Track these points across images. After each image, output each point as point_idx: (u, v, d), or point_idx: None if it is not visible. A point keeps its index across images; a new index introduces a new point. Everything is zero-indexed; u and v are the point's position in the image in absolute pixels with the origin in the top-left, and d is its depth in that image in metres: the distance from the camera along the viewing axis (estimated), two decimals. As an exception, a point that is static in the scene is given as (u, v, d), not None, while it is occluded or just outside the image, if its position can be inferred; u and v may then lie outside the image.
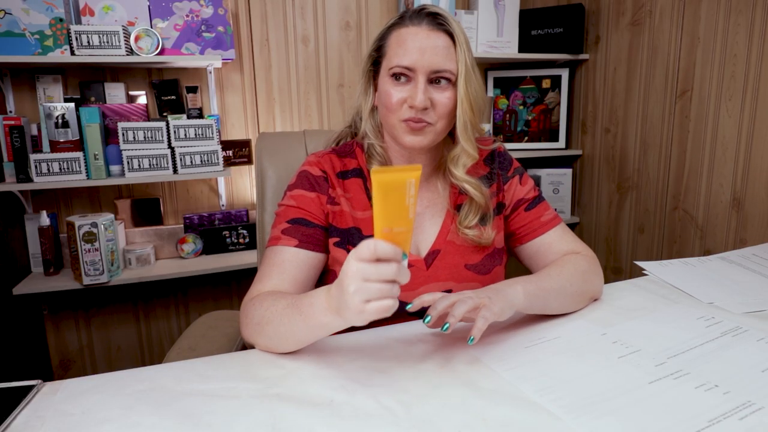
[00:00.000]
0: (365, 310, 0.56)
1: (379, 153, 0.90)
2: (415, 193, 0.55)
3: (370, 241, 0.56)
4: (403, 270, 0.57)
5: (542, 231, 0.92)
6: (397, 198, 0.54)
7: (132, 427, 0.56)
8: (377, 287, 0.56)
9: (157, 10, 1.77)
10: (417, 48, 0.80)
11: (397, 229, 0.56)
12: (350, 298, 0.56)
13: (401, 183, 0.54)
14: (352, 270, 0.56)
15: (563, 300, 0.82)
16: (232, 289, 2.13)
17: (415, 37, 0.81)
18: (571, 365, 0.68)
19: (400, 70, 0.81)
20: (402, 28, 0.83)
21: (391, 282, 0.56)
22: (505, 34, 2.13)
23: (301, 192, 0.87)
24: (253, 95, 2.05)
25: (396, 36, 0.83)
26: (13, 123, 1.66)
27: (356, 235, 0.87)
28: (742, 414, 0.56)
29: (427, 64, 0.80)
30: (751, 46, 1.54)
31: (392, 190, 0.54)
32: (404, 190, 0.54)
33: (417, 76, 0.80)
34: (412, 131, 0.82)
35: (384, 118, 0.86)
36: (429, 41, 0.80)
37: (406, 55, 0.80)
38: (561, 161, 2.33)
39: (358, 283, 0.56)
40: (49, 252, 1.76)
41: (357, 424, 0.57)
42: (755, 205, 1.57)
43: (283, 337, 0.70)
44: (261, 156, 1.11)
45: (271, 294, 0.75)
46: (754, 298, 0.89)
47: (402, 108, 0.82)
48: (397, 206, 0.55)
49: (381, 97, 0.85)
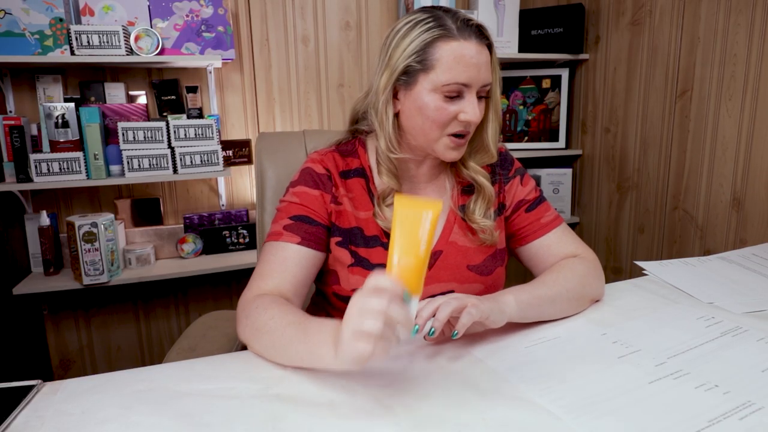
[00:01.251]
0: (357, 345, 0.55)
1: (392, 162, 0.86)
2: (430, 228, 0.54)
3: (374, 274, 0.55)
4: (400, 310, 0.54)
5: (542, 233, 0.92)
6: (410, 227, 0.54)
7: (132, 427, 0.56)
8: (366, 318, 0.54)
9: (157, 10, 1.77)
10: (473, 64, 0.78)
11: (406, 260, 0.55)
12: (345, 331, 0.56)
13: (417, 214, 0.54)
14: (353, 302, 0.56)
15: (559, 307, 0.81)
16: (232, 289, 2.13)
17: (470, 52, 0.78)
18: (571, 365, 0.68)
19: (458, 87, 0.78)
20: (453, 41, 0.78)
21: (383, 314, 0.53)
22: (505, 33, 2.13)
23: (304, 189, 0.87)
24: (253, 95, 2.05)
25: (448, 50, 0.78)
26: (13, 123, 1.66)
27: (358, 235, 0.87)
28: (742, 414, 0.56)
29: (482, 80, 0.80)
30: (751, 46, 1.54)
31: (407, 219, 0.55)
32: (419, 222, 0.54)
33: (470, 92, 0.80)
34: (456, 146, 0.83)
35: (421, 132, 0.82)
36: (481, 57, 0.79)
37: (465, 72, 0.78)
38: (561, 161, 2.33)
39: (353, 313, 0.55)
40: (49, 252, 1.76)
41: (357, 424, 0.57)
42: (755, 205, 1.57)
43: (278, 351, 0.69)
44: (261, 156, 1.11)
45: (276, 301, 0.73)
46: (754, 298, 0.89)
47: (451, 123, 0.81)
48: (409, 236, 0.55)
49: (423, 110, 0.80)
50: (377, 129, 0.85)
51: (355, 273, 0.85)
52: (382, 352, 0.54)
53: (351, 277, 0.85)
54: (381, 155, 0.86)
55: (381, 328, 0.53)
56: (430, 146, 0.83)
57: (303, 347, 0.65)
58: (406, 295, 0.55)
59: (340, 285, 0.86)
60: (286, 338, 0.67)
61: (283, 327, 0.68)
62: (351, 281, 0.85)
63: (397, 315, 0.54)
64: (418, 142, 0.85)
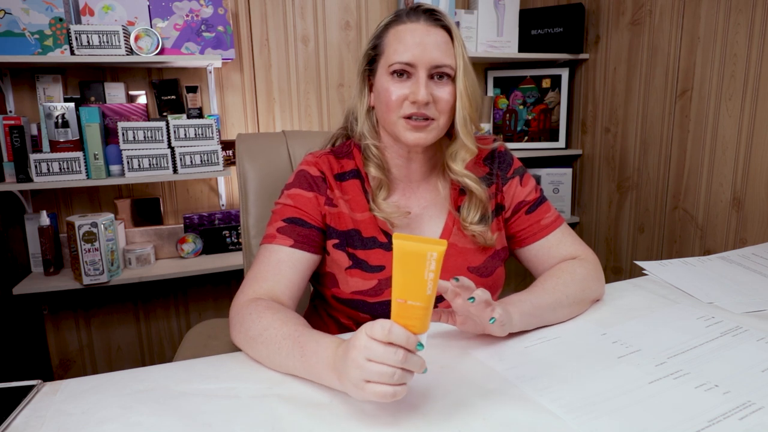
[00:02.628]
0: (364, 389, 0.54)
1: (375, 155, 0.88)
2: (436, 269, 0.52)
3: (386, 322, 0.53)
4: (415, 359, 0.54)
5: (542, 234, 0.91)
6: (415, 269, 0.52)
7: (132, 427, 0.56)
8: (379, 370, 0.53)
9: (157, 9, 1.77)
10: (417, 43, 0.80)
11: (412, 302, 0.53)
12: (351, 372, 0.55)
13: (421, 254, 0.51)
14: (360, 345, 0.54)
15: (560, 313, 0.81)
16: (232, 288, 2.13)
17: (414, 33, 0.80)
18: (571, 365, 0.68)
19: (400, 67, 0.80)
20: (399, 25, 0.83)
21: (398, 369, 0.53)
22: (505, 33, 2.13)
23: (298, 191, 0.87)
24: (253, 95, 2.05)
25: (394, 33, 0.82)
26: (13, 123, 1.66)
27: (356, 237, 0.86)
28: (742, 414, 0.56)
29: (428, 59, 0.79)
30: (751, 46, 1.54)
31: (411, 260, 0.52)
32: (423, 263, 0.51)
33: (418, 72, 0.80)
34: (414, 129, 0.81)
35: (383, 117, 0.85)
36: (428, 37, 0.80)
37: (407, 51, 0.80)
38: (561, 161, 2.33)
39: (362, 361, 0.54)
40: (49, 252, 1.76)
41: (357, 424, 0.57)
42: (755, 205, 1.57)
43: (274, 363, 0.68)
44: (242, 158, 1.08)
45: (270, 307, 0.72)
46: (754, 298, 0.89)
47: (403, 105, 0.81)
48: (414, 278, 0.52)
49: (380, 95, 0.84)
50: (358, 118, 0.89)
51: (354, 275, 0.85)
52: (399, 396, 0.54)
53: (350, 280, 0.85)
54: (367, 148, 0.88)
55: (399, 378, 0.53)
56: (393, 132, 0.84)
57: (300, 365, 0.64)
58: (419, 345, 0.54)
59: (339, 287, 0.86)
60: (282, 353, 0.66)
61: (278, 340, 0.66)
62: (350, 283, 0.85)
63: (413, 366, 0.54)
64: (386, 130, 0.87)
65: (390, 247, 0.86)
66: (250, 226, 1.08)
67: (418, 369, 0.55)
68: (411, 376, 0.55)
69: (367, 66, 0.87)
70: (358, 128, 0.89)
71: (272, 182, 1.08)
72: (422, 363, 0.55)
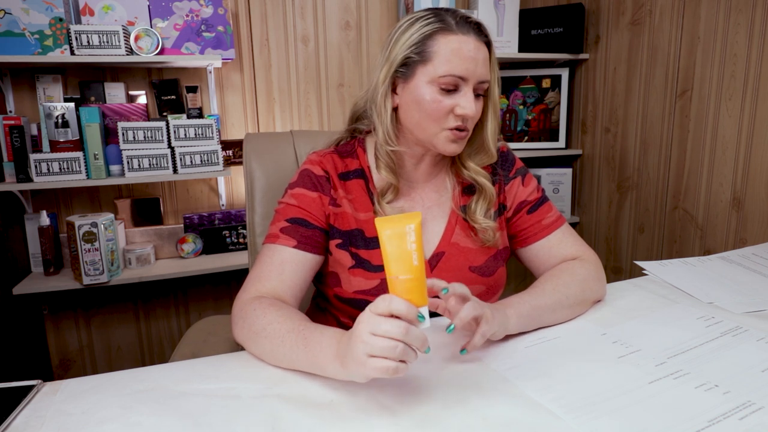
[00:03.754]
0: (366, 364, 0.55)
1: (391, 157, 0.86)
2: (416, 240, 0.56)
3: (386, 296, 0.56)
4: (417, 333, 0.56)
5: (544, 234, 0.91)
6: (397, 244, 0.56)
7: (132, 427, 0.56)
8: (382, 344, 0.54)
9: (157, 9, 1.77)
10: (471, 58, 0.79)
11: (403, 276, 0.56)
12: (355, 348, 0.56)
13: (401, 229, 0.56)
14: (364, 320, 0.56)
15: (560, 314, 0.81)
16: (232, 288, 2.13)
17: (468, 46, 0.79)
18: (571, 365, 0.68)
19: (453, 80, 0.79)
20: (451, 35, 0.79)
21: (401, 342, 0.55)
22: (505, 33, 2.13)
23: (302, 191, 0.86)
24: (253, 95, 2.05)
25: (446, 42, 0.79)
26: (13, 123, 1.66)
27: (359, 236, 0.86)
28: (742, 414, 0.56)
29: (478, 75, 0.80)
30: (751, 46, 1.54)
31: (392, 237, 0.56)
32: (404, 236, 0.56)
33: (467, 86, 0.80)
34: (456, 140, 0.82)
35: (419, 125, 0.83)
36: (479, 52, 0.80)
37: (462, 65, 0.78)
38: (561, 161, 2.33)
39: (366, 335, 0.55)
40: (49, 252, 1.76)
41: (357, 424, 0.57)
42: (755, 205, 1.57)
43: (278, 357, 0.69)
44: (249, 157, 1.10)
45: (273, 304, 0.73)
46: (754, 298, 0.89)
47: (448, 117, 0.81)
48: (399, 253, 0.56)
49: (420, 103, 0.81)
50: (375, 121, 0.86)
51: (357, 275, 0.85)
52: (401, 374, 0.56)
53: (352, 279, 0.85)
54: (379, 150, 0.87)
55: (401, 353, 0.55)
56: (429, 140, 0.83)
57: (304, 357, 0.65)
58: (420, 316, 0.57)
59: (342, 287, 0.86)
60: (286, 346, 0.67)
61: (282, 334, 0.67)
62: (352, 283, 0.85)
63: (415, 340, 0.56)
64: (416, 137, 0.85)
65: None
66: (255, 225, 1.09)
67: (420, 345, 0.56)
68: (414, 354, 0.56)
69: (400, 68, 0.83)
70: (381, 130, 0.85)
71: (279, 181, 1.09)
72: (424, 338, 0.57)
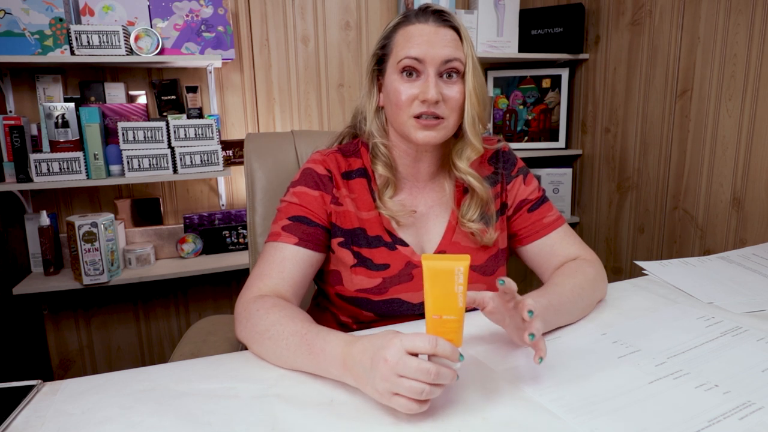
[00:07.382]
0: (390, 401, 0.55)
1: (384, 153, 0.88)
2: (464, 282, 0.56)
3: (430, 336, 0.55)
4: (446, 372, 0.55)
5: (544, 233, 0.91)
6: (445, 285, 0.56)
7: (132, 427, 0.56)
8: (409, 385, 0.53)
9: (157, 9, 1.77)
10: (426, 41, 0.80)
11: (447, 317, 0.57)
12: (379, 384, 0.55)
13: (449, 270, 0.56)
14: (393, 360, 0.54)
15: (575, 314, 0.81)
16: (232, 288, 2.13)
17: (423, 31, 0.81)
18: (571, 365, 0.68)
19: (409, 62, 0.80)
20: (409, 25, 0.83)
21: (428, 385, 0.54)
22: (505, 33, 2.13)
23: (304, 189, 0.87)
24: (253, 95, 2.05)
25: (403, 33, 0.83)
26: (13, 123, 1.66)
27: (361, 235, 0.87)
28: (742, 414, 0.56)
29: (438, 56, 0.80)
30: (751, 46, 1.54)
31: (441, 277, 0.56)
32: (452, 278, 0.56)
33: (427, 69, 0.80)
34: (424, 127, 0.81)
35: (393, 117, 0.84)
36: (437, 36, 0.80)
37: (415, 47, 0.80)
38: (561, 161, 2.33)
39: (393, 377, 0.54)
40: (49, 252, 1.76)
41: (357, 424, 0.57)
42: (755, 205, 1.57)
43: (281, 358, 0.68)
44: (250, 157, 1.10)
45: (276, 304, 0.73)
46: (754, 298, 0.89)
47: (413, 104, 0.81)
48: (445, 294, 0.56)
49: (389, 94, 0.83)
50: (367, 118, 0.88)
51: (359, 273, 0.85)
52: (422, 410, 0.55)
53: (354, 278, 0.85)
54: (375, 147, 0.88)
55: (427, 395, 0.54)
56: (402, 131, 0.84)
57: (308, 361, 0.65)
58: (461, 357, 0.57)
59: (343, 285, 0.86)
60: (290, 349, 0.67)
61: (286, 336, 0.67)
62: (354, 282, 0.85)
63: (444, 379, 0.55)
64: (396, 130, 0.86)
65: (394, 246, 0.87)
66: (256, 225, 1.09)
67: (449, 380, 0.55)
68: (440, 390, 0.56)
69: (375, 66, 0.88)
70: (366, 127, 0.89)
71: (280, 181, 1.09)
72: (454, 374, 0.56)
